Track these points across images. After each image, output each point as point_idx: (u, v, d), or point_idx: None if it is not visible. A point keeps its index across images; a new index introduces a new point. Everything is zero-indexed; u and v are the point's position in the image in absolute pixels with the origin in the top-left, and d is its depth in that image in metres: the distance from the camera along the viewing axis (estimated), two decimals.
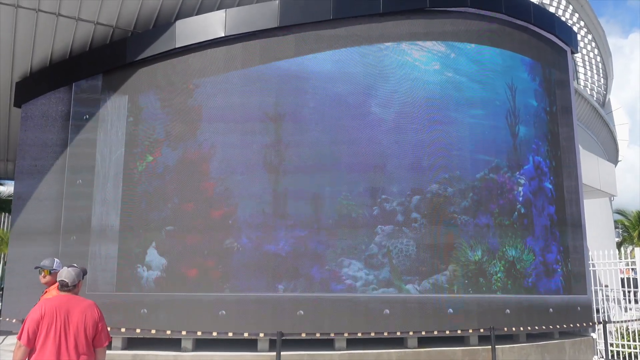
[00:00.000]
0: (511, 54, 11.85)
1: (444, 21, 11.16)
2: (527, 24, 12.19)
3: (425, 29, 10.93)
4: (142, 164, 9.87)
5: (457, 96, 10.96)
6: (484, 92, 11.29)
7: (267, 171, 9.81)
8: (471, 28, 11.37)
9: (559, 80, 12.72)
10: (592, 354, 11.76)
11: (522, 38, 12.09)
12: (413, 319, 9.73)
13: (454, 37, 11.15)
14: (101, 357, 4.51)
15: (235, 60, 10.18)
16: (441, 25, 11.10)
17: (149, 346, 9.25)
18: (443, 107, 10.80)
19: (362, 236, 9.87)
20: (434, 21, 11.07)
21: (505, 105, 11.52)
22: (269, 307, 9.32)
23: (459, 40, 11.18)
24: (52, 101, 10.30)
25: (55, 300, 4.40)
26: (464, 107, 11.00)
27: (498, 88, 11.51)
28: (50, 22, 9.53)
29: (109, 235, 9.63)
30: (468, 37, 11.28)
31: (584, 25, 22.69)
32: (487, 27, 11.55)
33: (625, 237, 36.28)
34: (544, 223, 11.60)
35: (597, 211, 19.71)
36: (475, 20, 11.44)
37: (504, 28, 11.80)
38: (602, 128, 24.30)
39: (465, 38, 11.25)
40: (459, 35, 11.20)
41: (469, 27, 11.34)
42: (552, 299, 11.19)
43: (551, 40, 12.77)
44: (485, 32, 11.51)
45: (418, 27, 10.91)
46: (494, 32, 11.64)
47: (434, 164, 10.50)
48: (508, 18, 11.84)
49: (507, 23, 11.85)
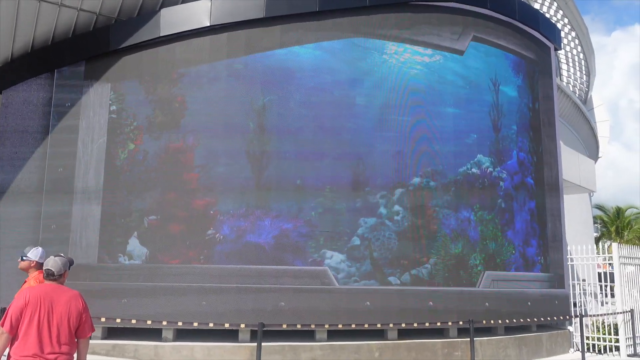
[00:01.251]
0: (495, 50, 11.94)
1: (429, 15, 11.19)
2: (512, 20, 12.29)
3: (410, 23, 10.96)
4: (124, 152, 9.80)
5: (441, 90, 11.02)
6: (467, 87, 11.36)
7: (251, 162, 9.80)
8: (456, 23, 11.42)
9: (542, 76, 12.84)
10: (569, 347, 11.96)
11: (506, 34, 12.17)
12: (393, 311, 9.81)
13: (439, 31, 11.19)
14: (84, 348, 4.50)
15: (221, 50, 10.13)
16: (427, 19, 11.14)
17: (130, 336, 9.22)
18: (427, 101, 10.87)
19: (344, 228, 9.91)
20: (419, 15, 11.11)
21: (489, 100, 11.61)
22: (251, 298, 9.33)
23: (444, 35, 11.23)
24: (33, 88, 10.16)
25: (40, 289, 4.38)
26: (448, 102, 11.08)
27: (482, 83, 11.59)
28: (32, 8, 9.38)
29: (90, 224, 9.56)
30: (453, 32, 11.33)
31: (568, 23, 22.85)
32: (472, 22, 11.61)
33: (603, 232, 36.91)
34: (524, 217, 11.75)
35: (576, 206, 19.98)
36: (460, 15, 11.50)
37: (488, 23, 11.87)
38: (584, 124, 24.56)
39: (450, 33, 11.30)
40: (444, 29, 11.24)
41: (453, 22, 11.40)
42: (530, 292, 11.35)
43: (535, 36, 12.88)
44: (470, 27, 11.57)
45: (404, 21, 10.93)
46: (478, 27, 11.70)
47: (417, 158, 10.57)
48: (493, 13, 11.92)
49: (491, 19, 11.93)
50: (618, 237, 34.18)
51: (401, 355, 9.59)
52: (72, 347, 4.37)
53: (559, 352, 11.60)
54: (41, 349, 4.18)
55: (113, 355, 8.79)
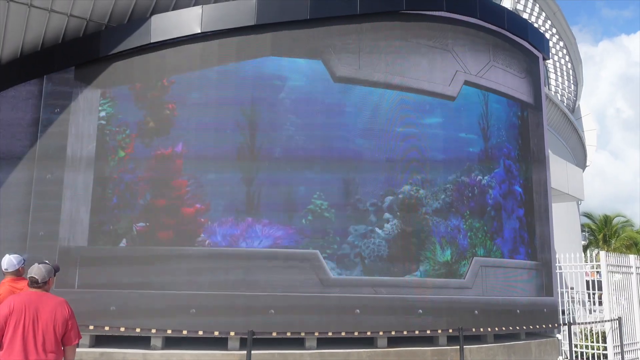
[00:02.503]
0: (485, 58, 12.02)
1: (419, 24, 11.27)
2: (501, 30, 12.39)
3: (401, 31, 11.02)
4: (114, 159, 9.74)
5: (430, 99, 11.08)
6: (457, 95, 11.43)
7: (241, 170, 9.79)
8: (446, 32, 11.50)
9: (530, 85, 12.95)
10: (557, 355, 12.01)
11: (495, 43, 12.27)
12: (383, 319, 9.81)
13: (429, 40, 11.26)
14: (70, 355, 4.47)
15: (212, 56, 10.13)
16: (417, 28, 11.21)
17: (118, 344, 9.14)
18: (417, 109, 10.91)
19: (334, 236, 9.91)
20: (409, 24, 11.17)
21: (478, 109, 11.68)
22: (240, 305, 9.29)
23: (433, 43, 11.29)
24: (22, 93, 10.07)
25: (24, 297, 4.34)
26: (437, 110, 11.13)
27: (471, 92, 11.66)
28: (21, 13, 9.34)
29: (79, 230, 9.49)
30: (443, 41, 11.41)
31: (556, 33, 23.12)
32: (461, 31, 11.69)
33: (591, 240, 37.14)
34: (513, 225, 11.81)
35: (564, 215, 20.10)
36: (450, 24, 11.58)
37: (477, 32, 11.97)
38: (572, 133, 24.78)
39: (440, 42, 11.37)
40: (434, 38, 11.32)
41: (443, 31, 11.47)
42: (519, 300, 11.39)
43: (523, 46, 12.99)
44: (459, 36, 11.65)
45: (394, 29, 10.99)
46: (468, 36, 11.79)
47: (407, 166, 10.60)
48: (482, 23, 12.02)
49: (481, 28, 12.02)
50: (605, 245, 34.39)
51: None
52: (59, 355, 4.34)
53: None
54: (26, 357, 4.14)
55: None
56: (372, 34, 10.79)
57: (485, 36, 12.07)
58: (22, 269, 5.48)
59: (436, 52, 11.30)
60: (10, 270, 5.35)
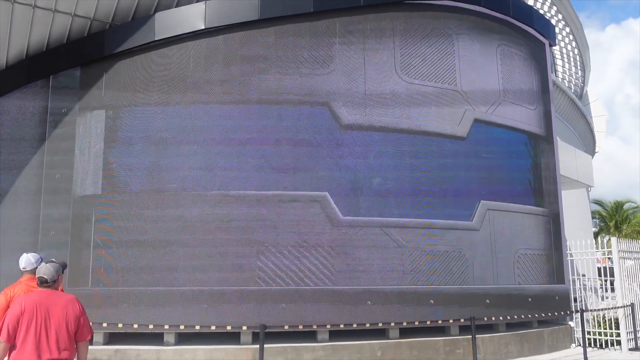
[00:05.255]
0: (490, 47, 11.95)
1: (424, 14, 11.20)
2: (506, 17, 12.29)
3: (405, 23, 10.96)
4: (122, 158, 9.77)
5: None
6: None
7: (248, 164, 9.80)
8: (451, 21, 11.43)
9: (537, 72, 12.86)
10: (570, 342, 11.97)
11: (501, 31, 12.19)
12: (394, 310, 9.81)
13: (434, 31, 11.19)
14: (83, 351, 4.50)
15: (216, 52, 10.12)
16: (421, 18, 11.14)
17: (131, 341, 9.22)
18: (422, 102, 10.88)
19: None
20: (413, 14, 11.10)
21: None
22: (252, 300, 9.32)
23: (438, 34, 11.23)
24: (28, 94, 10.14)
25: (35, 296, 4.37)
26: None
27: None
28: (26, 14, 9.38)
29: (86, 230, 9.54)
30: (448, 31, 11.34)
31: (562, 19, 22.93)
32: (466, 19, 11.62)
33: (602, 227, 36.92)
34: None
35: (574, 202, 19.99)
36: (455, 14, 11.51)
37: (482, 21, 11.89)
38: (580, 120, 24.60)
39: (445, 31, 11.31)
40: (438, 29, 11.25)
41: (448, 20, 11.40)
42: (530, 288, 11.36)
43: (529, 33, 12.89)
44: (464, 25, 11.58)
45: (398, 22, 10.92)
46: (473, 25, 11.71)
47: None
48: (487, 11, 11.93)
49: (486, 16, 11.94)
50: (617, 232, 34.21)
51: (403, 354, 9.59)
52: (72, 352, 4.37)
53: (561, 348, 11.60)
54: (39, 356, 4.17)
55: None
56: (377, 26, 10.74)
57: (490, 24, 11.98)
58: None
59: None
60: (28, 269, 5.31)
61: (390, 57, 10.68)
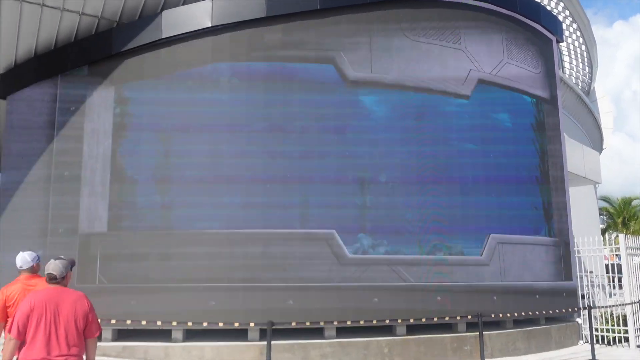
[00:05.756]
0: (497, 43, 11.92)
1: (430, 11, 11.19)
2: (513, 13, 12.26)
3: (412, 20, 10.95)
4: (130, 155, 9.83)
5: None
6: None
7: (254, 160, 9.83)
8: (458, 17, 11.41)
9: (544, 68, 12.82)
10: (578, 339, 11.95)
11: (508, 27, 12.15)
12: (401, 306, 9.82)
13: (441, 27, 11.17)
14: (92, 348, 4.53)
15: (223, 50, 10.15)
16: (428, 15, 11.13)
17: (140, 337, 9.26)
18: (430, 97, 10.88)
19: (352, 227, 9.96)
20: (420, 11, 11.09)
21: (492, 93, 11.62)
22: (259, 297, 9.35)
23: (445, 31, 11.21)
24: (37, 92, 10.17)
25: (44, 293, 4.40)
26: (450, 96, 11.09)
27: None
28: (34, 13, 9.42)
29: (97, 227, 9.59)
30: (455, 27, 11.32)
31: (569, 15, 22.80)
32: (472, 16, 11.59)
33: (609, 223, 36.72)
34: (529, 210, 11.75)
35: (582, 198, 19.91)
36: (462, 10, 11.48)
37: (489, 17, 11.86)
38: (587, 116, 24.48)
39: (452, 28, 11.28)
40: (445, 25, 11.23)
41: (455, 17, 11.38)
42: (538, 285, 11.34)
43: (536, 29, 12.85)
44: (471, 21, 11.55)
45: (405, 18, 10.92)
46: (480, 21, 11.68)
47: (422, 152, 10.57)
48: (494, 7, 11.90)
49: (493, 12, 11.91)
50: (624, 229, 34.04)
51: (410, 350, 9.60)
52: (82, 349, 4.40)
53: (568, 345, 11.58)
54: (49, 352, 4.21)
55: (123, 357, 8.83)
56: (383, 22, 10.74)
57: (497, 20, 11.95)
58: (37, 266, 5.37)
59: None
60: (24, 267, 5.25)
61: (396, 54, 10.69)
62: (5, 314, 4.96)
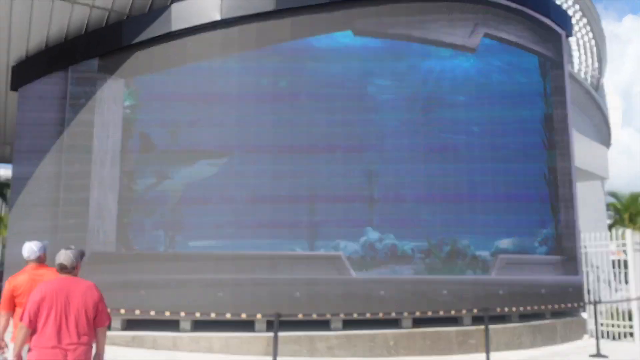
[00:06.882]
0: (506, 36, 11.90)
1: (439, 4, 11.18)
2: (523, 8, 12.21)
3: (421, 13, 10.95)
4: (139, 147, 9.91)
5: (452, 78, 11.05)
6: (479, 74, 11.36)
7: (264, 155, 9.90)
8: (467, 12, 11.39)
9: (553, 63, 12.78)
10: (583, 334, 11.97)
11: (517, 21, 12.11)
12: (408, 300, 9.88)
13: (450, 21, 11.17)
14: (102, 337, 4.59)
15: (232, 43, 10.19)
16: (437, 8, 11.12)
17: (148, 327, 9.37)
18: (439, 91, 10.89)
19: (358, 219, 9.99)
20: (429, 4, 11.09)
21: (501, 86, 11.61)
22: (266, 289, 9.44)
23: (454, 24, 11.20)
24: (48, 85, 10.25)
25: (55, 283, 4.47)
26: (460, 90, 11.09)
27: (493, 70, 11.58)
28: (46, 5, 9.48)
29: (107, 217, 9.70)
30: (464, 21, 11.30)
31: (579, 9, 22.68)
32: (482, 10, 11.57)
33: (616, 219, 36.49)
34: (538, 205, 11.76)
35: (589, 193, 19.88)
36: (471, 4, 11.45)
37: (499, 12, 11.82)
38: (596, 111, 24.39)
39: (461, 22, 11.27)
40: (454, 19, 11.22)
41: (464, 11, 11.36)
42: (544, 280, 11.36)
43: (546, 23, 12.80)
44: (480, 15, 11.53)
45: (414, 11, 10.92)
46: (489, 15, 11.66)
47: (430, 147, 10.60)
48: (503, 2, 11.85)
49: (502, 7, 11.87)
50: (631, 224, 33.86)
51: (416, 343, 9.66)
52: (92, 338, 4.47)
53: (573, 339, 11.60)
54: (59, 341, 4.28)
55: (132, 346, 8.94)
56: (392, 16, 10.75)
57: (506, 15, 11.92)
58: (44, 256, 5.39)
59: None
60: (31, 257, 5.27)
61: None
62: (13, 304, 5.03)
